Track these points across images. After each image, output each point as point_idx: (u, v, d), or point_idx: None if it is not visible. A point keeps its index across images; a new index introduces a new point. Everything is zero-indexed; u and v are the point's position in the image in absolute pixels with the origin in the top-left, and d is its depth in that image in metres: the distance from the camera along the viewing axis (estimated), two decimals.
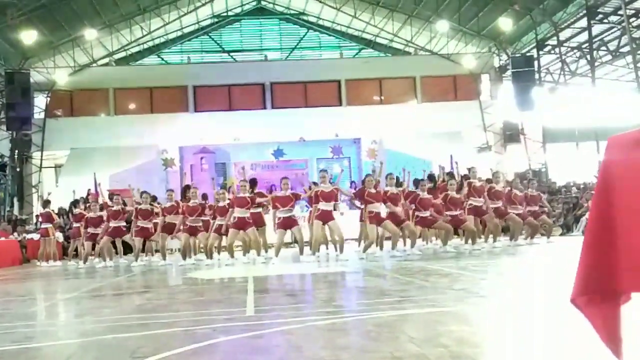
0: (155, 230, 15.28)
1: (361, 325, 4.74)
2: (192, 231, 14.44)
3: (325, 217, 13.12)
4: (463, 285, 7.43)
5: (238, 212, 13.50)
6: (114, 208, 15.37)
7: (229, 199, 14.14)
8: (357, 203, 15.58)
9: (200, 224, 14.56)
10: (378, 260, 12.33)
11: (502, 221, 14.82)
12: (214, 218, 14.68)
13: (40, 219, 18.77)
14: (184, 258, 14.38)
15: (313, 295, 7.27)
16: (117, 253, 16.95)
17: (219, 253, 15.56)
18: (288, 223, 13.30)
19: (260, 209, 14.69)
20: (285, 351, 3.88)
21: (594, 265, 1.80)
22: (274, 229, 13.48)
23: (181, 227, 14.58)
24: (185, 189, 15.66)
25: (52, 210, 18.64)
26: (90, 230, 15.89)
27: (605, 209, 1.78)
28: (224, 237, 14.61)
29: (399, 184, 14.66)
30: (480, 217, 14.49)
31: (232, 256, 13.72)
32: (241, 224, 13.50)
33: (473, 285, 7.46)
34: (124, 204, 15.88)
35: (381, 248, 14.02)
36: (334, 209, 13.77)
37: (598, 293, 1.81)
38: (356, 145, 26.91)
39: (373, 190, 13.19)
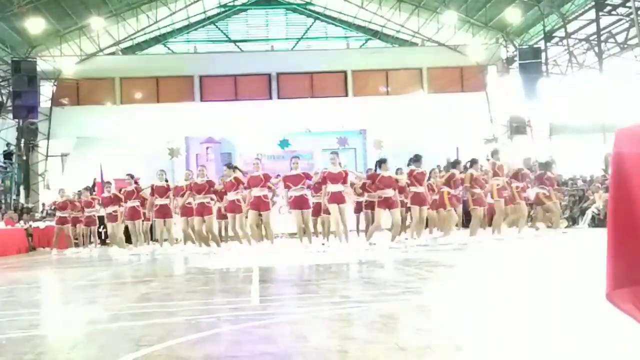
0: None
1: (366, 315, 4.74)
2: (201, 209, 14.46)
3: (338, 199, 12.95)
4: (468, 277, 7.43)
5: (254, 192, 13.48)
6: (128, 189, 15.59)
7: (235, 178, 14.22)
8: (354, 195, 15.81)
9: (209, 200, 14.63)
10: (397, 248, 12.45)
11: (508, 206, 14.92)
12: (221, 199, 14.89)
13: (55, 207, 18.90)
14: (185, 242, 14.66)
15: (318, 286, 7.27)
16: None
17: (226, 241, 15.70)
18: (300, 202, 13.18)
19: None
20: (290, 341, 3.88)
21: (624, 258, 1.79)
22: (288, 210, 13.46)
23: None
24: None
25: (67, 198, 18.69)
26: (109, 209, 16.02)
27: (625, 201, 1.77)
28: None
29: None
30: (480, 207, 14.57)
31: (252, 239, 13.74)
32: (257, 204, 13.45)
33: (478, 276, 7.46)
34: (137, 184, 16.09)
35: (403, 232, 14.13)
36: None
37: (633, 285, 1.79)
38: (362, 136, 26.87)
39: (386, 174, 13.17)
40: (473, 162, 14.88)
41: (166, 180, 15.66)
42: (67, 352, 3.92)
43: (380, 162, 13.48)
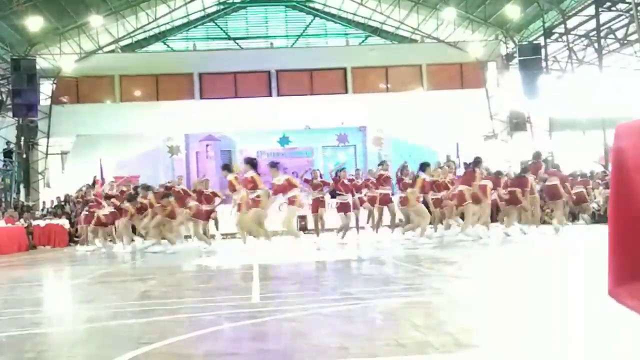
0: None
1: (366, 312, 4.74)
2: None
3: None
4: (468, 274, 7.43)
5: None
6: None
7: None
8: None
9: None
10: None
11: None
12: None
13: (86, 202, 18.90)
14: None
15: (318, 283, 7.28)
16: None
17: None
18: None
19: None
20: (290, 338, 3.89)
21: (627, 254, 1.78)
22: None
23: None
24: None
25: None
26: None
27: (626, 197, 1.76)
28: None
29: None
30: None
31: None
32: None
33: (478, 273, 7.46)
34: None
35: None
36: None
37: (636, 280, 1.79)
38: (362, 133, 26.85)
39: (429, 178, 13.89)
40: (525, 170, 15.63)
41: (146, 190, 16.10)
42: (68, 350, 3.93)
43: (424, 165, 13.80)
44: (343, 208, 15.52)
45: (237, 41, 32.08)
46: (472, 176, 14.14)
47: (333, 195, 16.82)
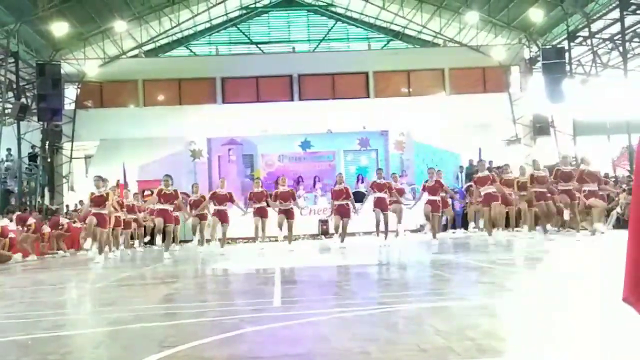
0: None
1: (388, 317, 4.73)
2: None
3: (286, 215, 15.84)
4: (490, 279, 7.37)
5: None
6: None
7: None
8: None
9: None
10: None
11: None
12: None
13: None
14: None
15: (340, 287, 7.27)
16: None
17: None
18: (261, 211, 16.22)
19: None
20: (312, 342, 3.89)
21: None
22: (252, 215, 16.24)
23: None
24: None
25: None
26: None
27: None
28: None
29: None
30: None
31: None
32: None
33: (500, 279, 7.40)
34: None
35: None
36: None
37: None
38: (384, 138, 26.78)
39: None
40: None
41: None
42: (91, 352, 3.96)
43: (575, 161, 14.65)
44: (379, 205, 15.51)
45: (259, 46, 32.20)
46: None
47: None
